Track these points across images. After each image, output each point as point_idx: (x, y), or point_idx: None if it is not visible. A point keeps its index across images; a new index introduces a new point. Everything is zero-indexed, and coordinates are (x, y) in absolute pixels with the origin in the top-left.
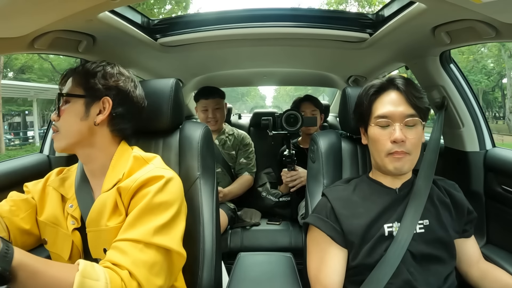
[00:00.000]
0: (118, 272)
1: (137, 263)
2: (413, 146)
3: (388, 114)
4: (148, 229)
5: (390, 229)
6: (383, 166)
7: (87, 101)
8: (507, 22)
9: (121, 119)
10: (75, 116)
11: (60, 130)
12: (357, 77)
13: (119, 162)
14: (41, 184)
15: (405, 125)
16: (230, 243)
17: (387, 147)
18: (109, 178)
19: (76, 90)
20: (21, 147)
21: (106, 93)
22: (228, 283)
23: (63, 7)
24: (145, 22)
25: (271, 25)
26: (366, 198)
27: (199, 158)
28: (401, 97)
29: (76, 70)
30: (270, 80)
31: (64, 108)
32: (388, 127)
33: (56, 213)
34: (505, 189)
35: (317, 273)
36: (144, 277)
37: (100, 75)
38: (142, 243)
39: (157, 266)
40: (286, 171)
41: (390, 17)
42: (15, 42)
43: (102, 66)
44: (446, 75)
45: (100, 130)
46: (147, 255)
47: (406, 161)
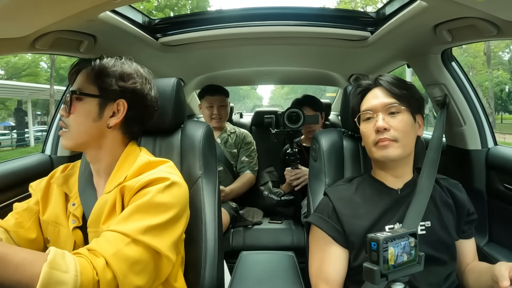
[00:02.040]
0: (91, 260)
1: (119, 256)
2: (399, 132)
3: (371, 107)
4: (140, 226)
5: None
6: (373, 158)
7: (101, 102)
8: (508, 19)
9: (134, 122)
10: (87, 116)
11: (69, 128)
12: (359, 75)
13: (124, 164)
14: (44, 182)
15: (388, 114)
16: (232, 242)
17: (372, 137)
18: (112, 180)
19: (90, 89)
20: (13, 148)
21: (122, 96)
22: (230, 282)
23: (64, 7)
24: (146, 21)
25: (272, 24)
26: (368, 198)
27: (201, 157)
28: (383, 91)
29: (92, 66)
30: (271, 79)
31: (76, 105)
32: (372, 119)
33: (58, 212)
34: (507, 187)
35: (318, 271)
36: (122, 271)
37: (118, 75)
38: (131, 238)
39: (140, 265)
40: (290, 170)
41: (391, 15)
42: (16, 42)
43: (120, 65)
44: (447, 73)
45: (111, 132)
46: (133, 251)
47: (393, 149)
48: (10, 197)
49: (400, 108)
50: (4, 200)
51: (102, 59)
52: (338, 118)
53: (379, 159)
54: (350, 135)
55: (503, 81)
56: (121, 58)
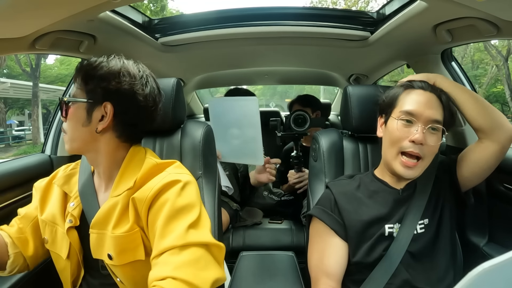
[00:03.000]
0: (161, 285)
1: (179, 266)
2: (429, 152)
3: (415, 112)
4: (179, 233)
5: (391, 229)
6: (392, 166)
7: (88, 106)
8: (508, 19)
9: (127, 124)
10: (77, 122)
11: (66, 133)
12: (359, 75)
13: (128, 168)
14: (46, 181)
15: (427, 127)
16: (232, 242)
17: (403, 144)
18: (119, 183)
19: (78, 93)
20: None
21: (106, 98)
22: (230, 282)
23: (64, 7)
24: (146, 21)
25: (272, 24)
26: (369, 196)
27: (201, 157)
28: (432, 99)
29: (79, 68)
30: (271, 79)
31: (67, 110)
32: (411, 125)
33: (55, 212)
34: (507, 187)
35: (319, 263)
36: (190, 275)
37: (100, 76)
38: (178, 247)
39: (202, 261)
40: (293, 173)
41: (391, 15)
42: (16, 42)
43: (104, 64)
44: (447, 73)
45: (103, 136)
46: (187, 255)
47: (416, 170)
48: (10, 198)
49: (441, 128)
50: (4, 200)
51: (91, 59)
52: (338, 118)
53: (397, 174)
54: (350, 135)
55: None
56: (109, 57)
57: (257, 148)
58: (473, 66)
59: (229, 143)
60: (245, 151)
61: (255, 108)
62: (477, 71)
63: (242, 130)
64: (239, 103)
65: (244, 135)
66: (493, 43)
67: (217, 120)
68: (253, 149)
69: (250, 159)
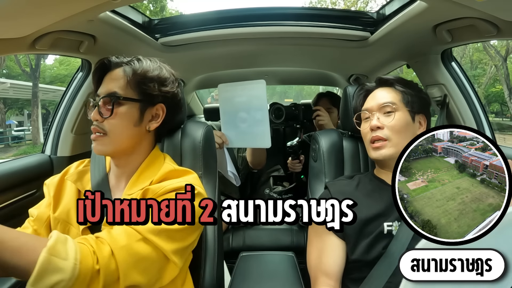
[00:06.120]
0: (96, 248)
1: (127, 249)
2: (391, 131)
3: (368, 107)
4: (156, 227)
5: (390, 227)
6: (370, 157)
7: (141, 106)
8: (508, 20)
9: (167, 124)
10: (128, 121)
11: (108, 134)
12: (359, 75)
13: (147, 170)
14: (58, 178)
15: (383, 114)
16: (232, 242)
17: (368, 136)
18: (135, 183)
19: (132, 93)
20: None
21: (162, 100)
22: (230, 282)
23: (64, 8)
24: (146, 22)
25: (272, 24)
26: (368, 195)
27: (201, 157)
28: (381, 91)
29: (133, 69)
30: (271, 80)
31: (116, 109)
32: (369, 119)
33: (70, 209)
34: None
35: (318, 263)
36: (126, 264)
37: (158, 80)
38: (143, 236)
39: (145, 263)
40: (290, 161)
41: (391, 15)
42: (16, 42)
43: (158, 69)
44: (447, 73)
45: (148, 136)
46: (142, 248)
47: (386, 149)
48: (10, 198)
49: (395, 107)
50: (4, 200)
51: (140, 61)
52: None
53: (374, 159)
54: (350, 135)
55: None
56: (156, 62)
57: (265, 131)
58: (472, 66)
59: (237, 127)
60: (253, 134)
61: (263, 91)
62: (476, 71)
63: (250, 113)
64: (247, 86)
65: (252, 118)
66: (492, 43)
67: (226, 104)
68: (261, 132)
69: (257, 142)
